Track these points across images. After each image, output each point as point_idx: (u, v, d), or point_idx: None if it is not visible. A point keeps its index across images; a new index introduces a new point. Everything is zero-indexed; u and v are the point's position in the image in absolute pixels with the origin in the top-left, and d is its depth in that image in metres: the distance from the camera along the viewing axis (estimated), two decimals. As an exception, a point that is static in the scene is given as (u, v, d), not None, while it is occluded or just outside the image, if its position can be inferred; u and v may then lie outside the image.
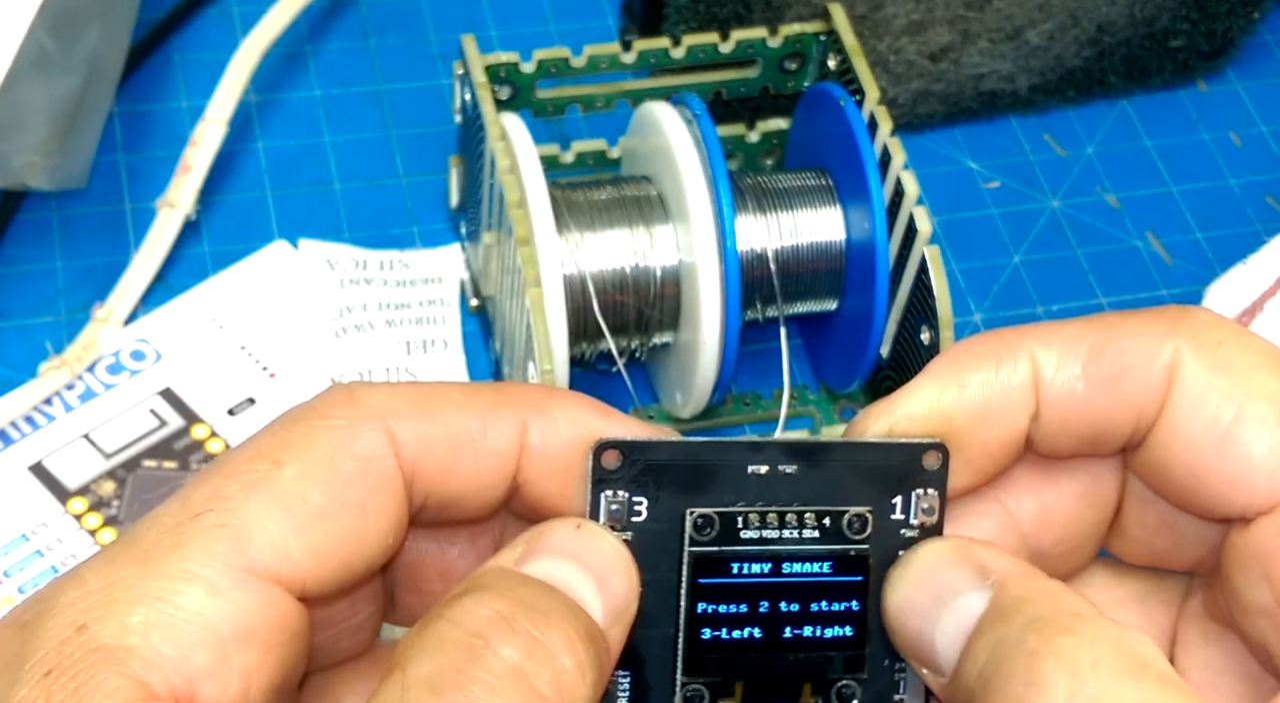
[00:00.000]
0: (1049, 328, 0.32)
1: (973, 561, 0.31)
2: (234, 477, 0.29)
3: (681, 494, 0.32)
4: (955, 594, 0.30)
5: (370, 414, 0.30)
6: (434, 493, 0.31)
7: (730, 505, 0.32)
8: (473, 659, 0.27)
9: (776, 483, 0.32)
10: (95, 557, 0.29)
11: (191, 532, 0.28)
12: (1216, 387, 0.31)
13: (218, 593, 0.28)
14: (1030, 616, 0.29)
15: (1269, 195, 0.65)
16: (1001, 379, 0.32)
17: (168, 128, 0.62)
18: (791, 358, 0.59)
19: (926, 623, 0.31)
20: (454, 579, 0.34)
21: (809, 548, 0.32)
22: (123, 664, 0.27)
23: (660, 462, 0.32)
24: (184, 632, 0.27)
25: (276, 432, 0.30)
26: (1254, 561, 0.31)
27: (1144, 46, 0.65)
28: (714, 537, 0.32)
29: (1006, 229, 0.63)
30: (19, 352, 0.56)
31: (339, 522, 0.30)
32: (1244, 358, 0.31)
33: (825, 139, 0.54)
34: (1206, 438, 0.31)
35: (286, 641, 0.29)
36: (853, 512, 0.32)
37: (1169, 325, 0.32)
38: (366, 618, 0.33)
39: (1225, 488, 0.31)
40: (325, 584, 0.30)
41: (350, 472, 0.30)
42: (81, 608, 0.28)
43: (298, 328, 0.57)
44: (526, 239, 0.49)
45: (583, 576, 0.30)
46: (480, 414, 0.31)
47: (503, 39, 0.66)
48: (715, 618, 0.32)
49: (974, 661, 0.29)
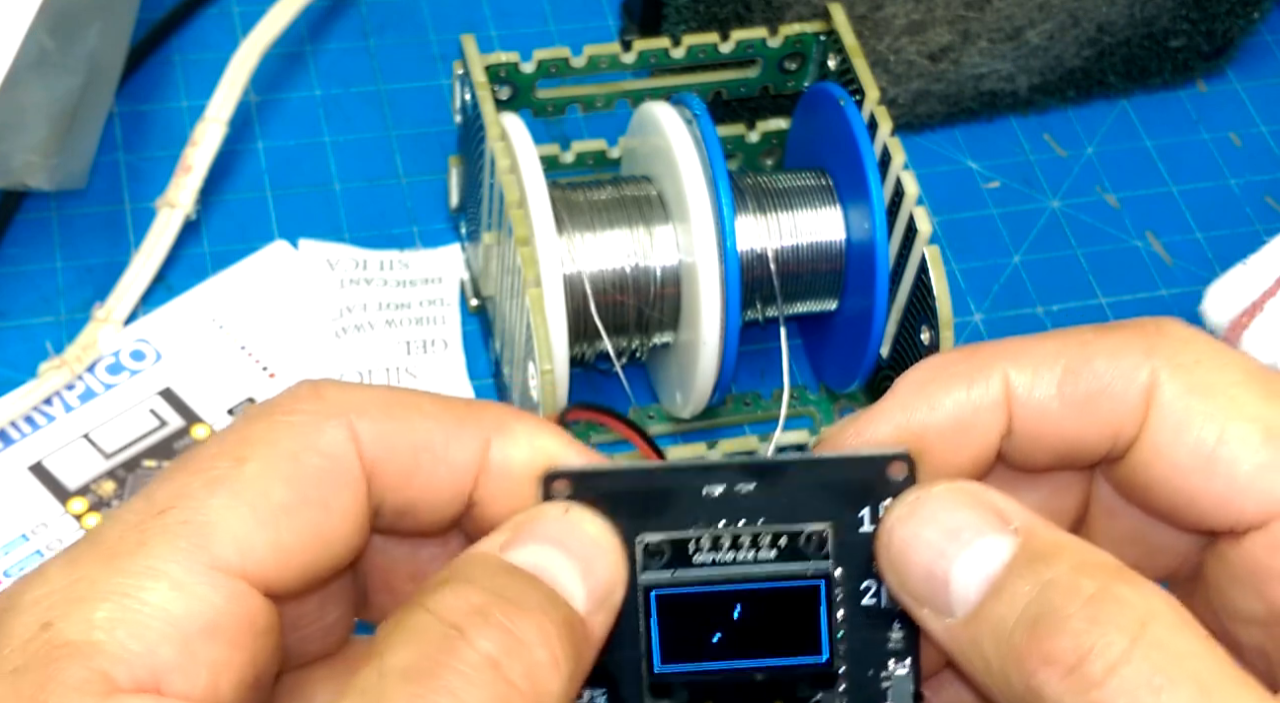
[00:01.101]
0: (1022, 345, 0.32)
1: (990, 505, 0.30)
2: (197, 473, 0.29)
3: (636, 520, 0.32)
4: (977, 534, 0.30)
5: (335, 411, 0.30)
6: (390, 498, 0.31)
7: (685, 529, 0.32)
8: (448, 650, 0.27)
9: (734, 503, 0.32)
10: (60, 555, 0.29)
11: (155, 529, 0.29)
12: (1197, 408, 0.31)
13: (182, 589, 0.28)
14: (1076, 561, 0.29)
15: (1269, 195, 0.65)
16: (973, 400, 0.32)
17: (168, 128, 0.62)
18: (791, 358, 0.59)
19: (940, 561, 0.30)
20: (425, 578, 0.34)
21: (766, 569, 0.32)
22: (88, 660, 0.27)
23: (611, 490, 0.31)
24: (149, 628, 0.27)
25: (240, 428, 0.30)
26: (1247, 574, 0.31)
27: (1144, 46, 0.65)
28: (665, 562, 0.32)
29: (1006, 229, 0.63)
30: (19, 352, 0.56)
31: (302, 517, 0.30)
32: (1222, 376, 0.31)
33: (825, 139, 0.54)
34: (1191, 460, 0.31)
35: (254, 636, 0.29)
36: (809, 530, 0.32)
37: (1145, 343, 0.32)
38: (338, 618, 0.34)
39: (1215, 506, 0.31)
40: (291, 581, 0.30)
41: (314, 468, 0.30)
42: (46, 606, 0.28)
43: (298, 328, 0.57)
44: (526, 239, 0.49)
45: (567, 562, 0.30)
46: (446, 426, 0.31)
47: (503, 39, 0.66)
48: (675, 642, 0.32)
49: (1011, 601, 0.29)
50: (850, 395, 0.57)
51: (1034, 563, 0.29)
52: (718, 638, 0.32)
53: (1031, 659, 0.28)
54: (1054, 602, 0.28)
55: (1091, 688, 0.27)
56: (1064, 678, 0.28)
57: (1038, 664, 0.28)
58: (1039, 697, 0.28)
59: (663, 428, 0.56)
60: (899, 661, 0.33)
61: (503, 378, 0.55)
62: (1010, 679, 0.29)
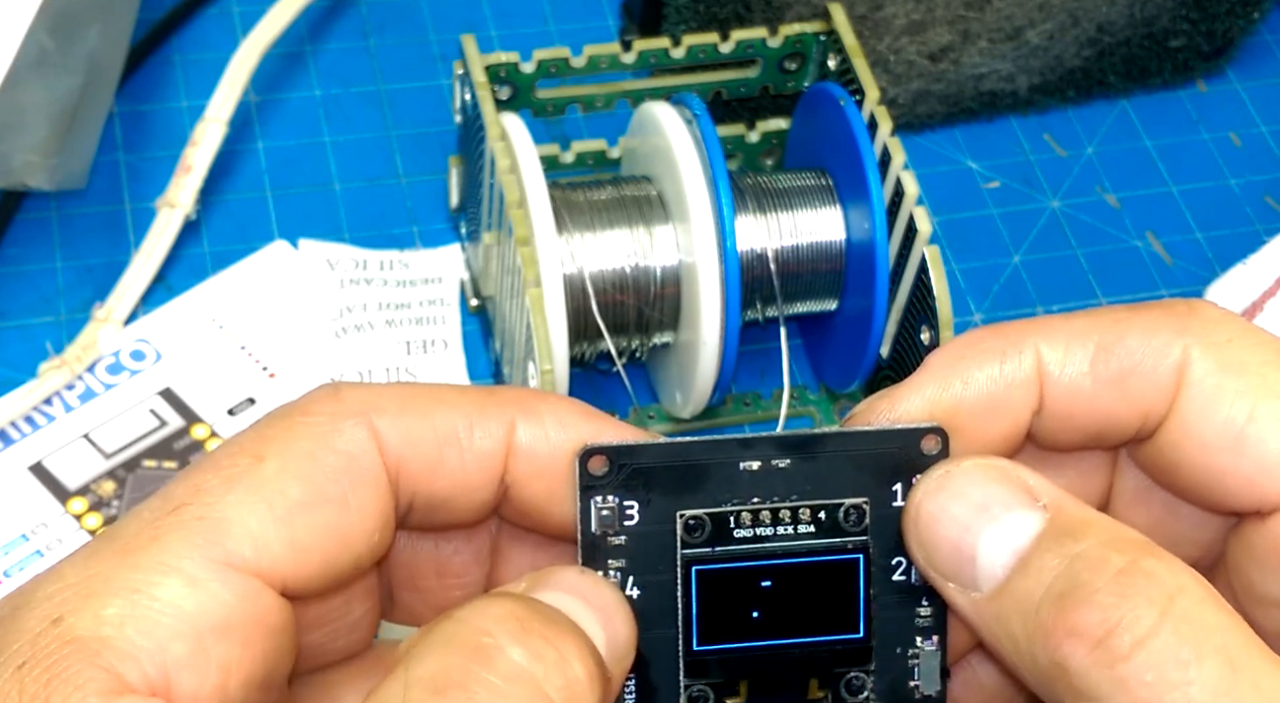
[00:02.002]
0: (1054, 322, 0.32)
1: (1018, 481, 0.30)
2: (215, 471, 0.29)
3: (673, 496, 0.32)
4: (1006, 509, 0.30)
5: (353, 411, 0.30)
6: (421, 492, 0.31)
7: (723, 504, 0.32)
8: (480, 658, 0.27)
9: (771, 478, 0.32)
10: (75, 552, 0.29)
11: (170, 525, 0.29)
12: (1228, 386, 0.31)
13: (195, 585, 0.28)
14: (1105, 537, 0.29)
15: (1269, 195, 0.65)
16: (1006, 375, 0.32)
17: (168, 128, 0.62)
18: (791, 358, 0.59)
19: (968, 535, 0.30)
20: (451, 575, 0.34)
21: (805, 543, 0.32)
22: (96, 655, 0.27)
23: (648, 465, 0.31)
24: (160, 624, 0.27)
25: (259, 429, 0.30)
26: (1272, 554, 0.31)
27: (1144, 46, 0.65)
28: (706, 538, 0.32)
29: (1006, 229, 0.63)
30: (19, 352, 0.56)
31: (320, 516, 0.29)
32: (1254, 355, 0.31)
33: (825, 139, 0.54)
34: (1221, 438, 0.31)
35: (267, 635, 0.29)
36: (849, 503, 0.32)
37: (1177, 323, 0.32)
38: (362, 615, 0.33)
39: (1242, 486, 0.31)
40: (308, 580, 0.30)
41: (331, 467, 0.30)
42: (58, 601, 0.28)
43: (298, 328, 0.57)
44: (526, 239, 0.49)
45: (588, 612, 0.30)
46: (467, 414, 0.31)
47: (503, 39, 0.66)
48: (713, 619, 0.32)
49: (1038, 575, 0.29)
50: (850, 395, 0.57)
51: (1062, 538, 0.29)
52: (756, 615, 0.32)
53: (1058, 633, 0.28)
54: (1082, 576, 0.28)
55: (1118, 662, 0.27)
56: (1091, 652, 0.28)
57: (1063, 638, 0.28)
58: (1065, 671, 0.28)
59: (663, 428, 0.56)
60: (926, 638, 0.33)
61: (503, 378, 0.55)
62: (1036, 655, 0.29)
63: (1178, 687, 0.27)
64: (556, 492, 0.32)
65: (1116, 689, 0.27)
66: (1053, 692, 0.29)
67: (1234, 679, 0.27)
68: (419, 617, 0.35)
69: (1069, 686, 0.28)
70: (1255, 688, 0.27)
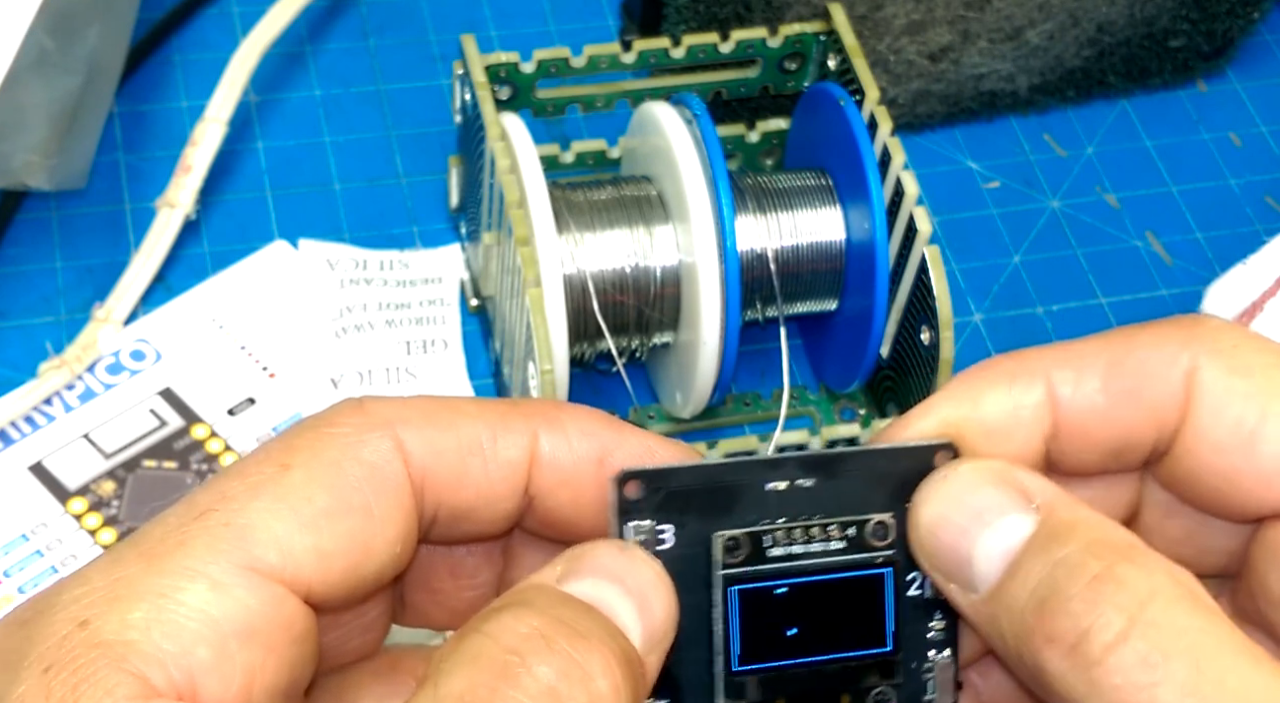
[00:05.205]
0: (1065, 348, 0.33)
1: (1014, 482, 0.31)
2: (241, 478, 0.30)
3: (706, 518, 0.32)
4: (999, 514, 0.31)
5: (378, 423, 0.31)
6: (445, 503, 0.31)
7: (754, 524, 0.32)
8: (507, 677, 0.27)
9: (796, 498, 0.32)
10: (101, 557, 0.29)
11: (196, 530, 0.29)
12: (1237, 389, 0.31)
13: (221, 590, 0.28)
14: (1087, 540, 0.30)
15: (1269, 195, 0.65)
16: (1014, 397, 0.32)
17: (168, 128, 0.62)
18: (791, 358, 0.59)
19: (964, 539, 0.31)
20: (464, 576, 0.34)
21: (837, 560, 0.32)
22: (123, 660, 0.27)
23: (682, 487, 0.32)
24: (186, 628, 0.27)
25: (285, 439, 0.31)
26: None
27: (1144, 46, 0.65)
28: (744, 558, 0.32)
29: (1006, 229, 0.63)
30: (19, 352, 0.56)
31: (345, 524, 0.30)
32: (1261, 358, 0.32)
33: (825, 139, 0.54)
34: (1233, 440, 0.31)
35: (291, 641, 0.29)
36: (875, 519, 0.32)
37: (1183, 333, 0.32)
38: (375, 617, 0.34)
39: (1257, 487, 0.31)
40: (332, 588, 0.30)
41: (357, 476, 0.30)
42: (84, 604, 0.28)
43: (298, 328, 0.57)
44: (526, 239, 0.49)
45: (625, 599, 0.30)
46: (491, 425, 0.32)
47: (503, 39, 0.66)
48: (753, 638, 0.32)
49: (1024, 580, 0.30)
50: (850, 395, 0.57)
51: (1048, 542, 0.30)
52: (793, 632, 0.32)
53: (1037, 638, 0.29)
54: (1060, 582, 0.29)
55: (1091, 666, 0.28)
56: (1065, 657, 0.29)
57: (1042, 643, 0.29)
58: (1045, 674, 0.29)
59: (663, 428, 0.56)
60: (939, 650, 0.33)
61: (503, 378, 0.55)
62: (1023, 656, 0.30)
63: (1145, 688, 0.28)
64: (580, 501, 0.32)
65: (1091, 692, 0.28)
66: (1042, 691, 0.30)
67: (1199, 679, 0.28)
68: (431, 619, 0.35)
69: (1050, 687, 0.29)
70: (1220, 685, 0.27)
